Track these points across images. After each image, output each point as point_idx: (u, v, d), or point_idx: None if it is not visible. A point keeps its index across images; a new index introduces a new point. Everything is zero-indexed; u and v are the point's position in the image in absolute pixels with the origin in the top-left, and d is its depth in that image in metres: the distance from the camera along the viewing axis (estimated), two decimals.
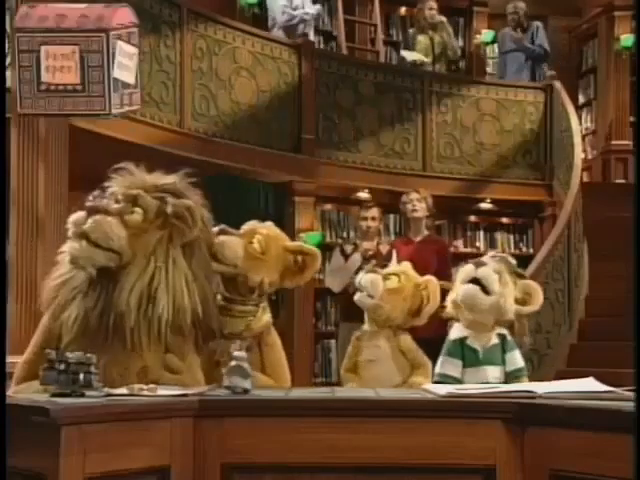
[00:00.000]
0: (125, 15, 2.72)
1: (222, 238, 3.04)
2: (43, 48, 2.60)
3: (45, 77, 2.61)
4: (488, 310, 2.93)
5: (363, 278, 3.24)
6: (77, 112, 2.66)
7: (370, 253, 6.43)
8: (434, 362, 3.17)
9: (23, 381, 2.69)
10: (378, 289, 3.19)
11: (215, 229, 3.04)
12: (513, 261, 3.12)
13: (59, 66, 2.60)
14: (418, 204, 6.58)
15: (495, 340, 2.96)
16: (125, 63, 2.67)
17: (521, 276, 3.10)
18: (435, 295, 3.24)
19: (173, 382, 2.66)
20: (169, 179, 2.86)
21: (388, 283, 3.21)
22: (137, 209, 2.74)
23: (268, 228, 3.22)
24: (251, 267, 3.07)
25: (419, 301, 3.24)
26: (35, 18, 2.66)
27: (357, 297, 3.25)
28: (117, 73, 2.63)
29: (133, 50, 2.72)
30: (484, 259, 3.07)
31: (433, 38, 8.79)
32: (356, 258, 6.41)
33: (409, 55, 8.56)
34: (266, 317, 3.10)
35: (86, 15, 2.63)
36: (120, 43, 2.63)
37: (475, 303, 2.92)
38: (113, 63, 2.60)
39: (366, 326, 3.25)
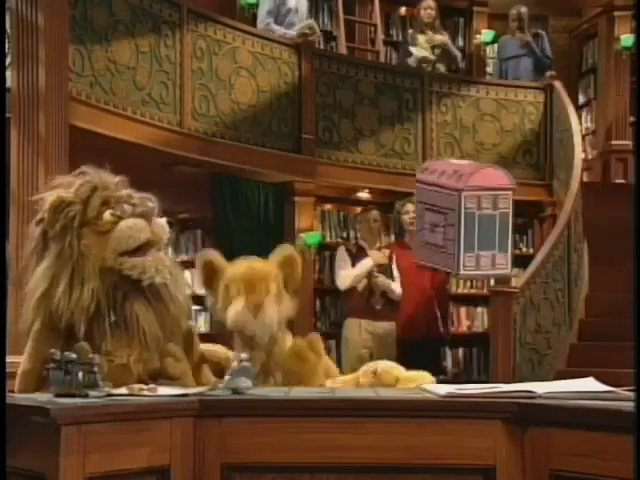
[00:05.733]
0: (489, 177, 2.67)
1: None
2: (424, 203, 2.63)
3: (426, 234, 2.65)
4: None
5: None
6: (441, 267, 2.66)
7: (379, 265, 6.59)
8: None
9: (24, 393, 2.67)
10: None
11: None
12: None
13: (435, 222, 2.62)
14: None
15: None
16: (484, 225, 2.62)
17: None
18: None
19: (178, 370, 2.69)
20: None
21: None
22: None
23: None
24: None
25: None
26: (428, 171, 2.71)
27: None
28: (469, 234, 2.58)
29: (492, 213, 2.64)
30: None
31: (433, 39, 8.76)
32: (367, 263, 6.54)
33: (417, 51, 8.54)
34: None
35: (456, 172, 2.63)
36: (476, 204, 2.59)
37: None
38: (462, 223, 2.57)
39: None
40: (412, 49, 8.60)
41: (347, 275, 6.66)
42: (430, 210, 2.65)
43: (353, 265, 6.66)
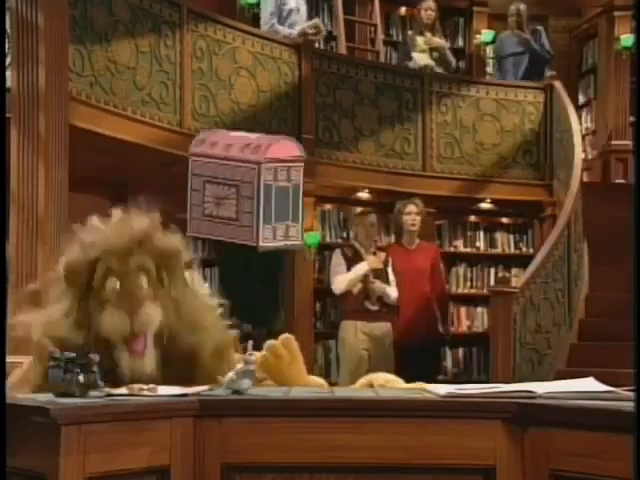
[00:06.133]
0: (284, 149, 2.70)
1: None
2: (203, 176, 2.66)
3: (208, 207, 2.66)
4: None
5: None
6: (235, 240, 2.66)
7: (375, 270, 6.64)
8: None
9: None
10: None
11: None
12: None
13: (222, 195, 2.64)
14: (417, 217, 6.98)
15: None
16: (280, 197, 2.66)
17: None
18: None
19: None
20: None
21: None
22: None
23: None
24: None
25: None
26: (207, 144, 2.72)
27: None
28: (267, 206, 2.62)
29: (286, 184, 2.68)
30: None
31: (430, 41, 8.75)
32: (362, 267, 6.57)
33: (420, 59, 8.53)
34: None
35: (249, 145, 2.65)
36: (273, 176, 2.63)
37: None
38: (262, 196, 2.60)
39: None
40: (414, 54, 8.60)
41: (342, 280, 6.69)
42: (213, 183, 2.67)
43: (348, 269, 6.68)
